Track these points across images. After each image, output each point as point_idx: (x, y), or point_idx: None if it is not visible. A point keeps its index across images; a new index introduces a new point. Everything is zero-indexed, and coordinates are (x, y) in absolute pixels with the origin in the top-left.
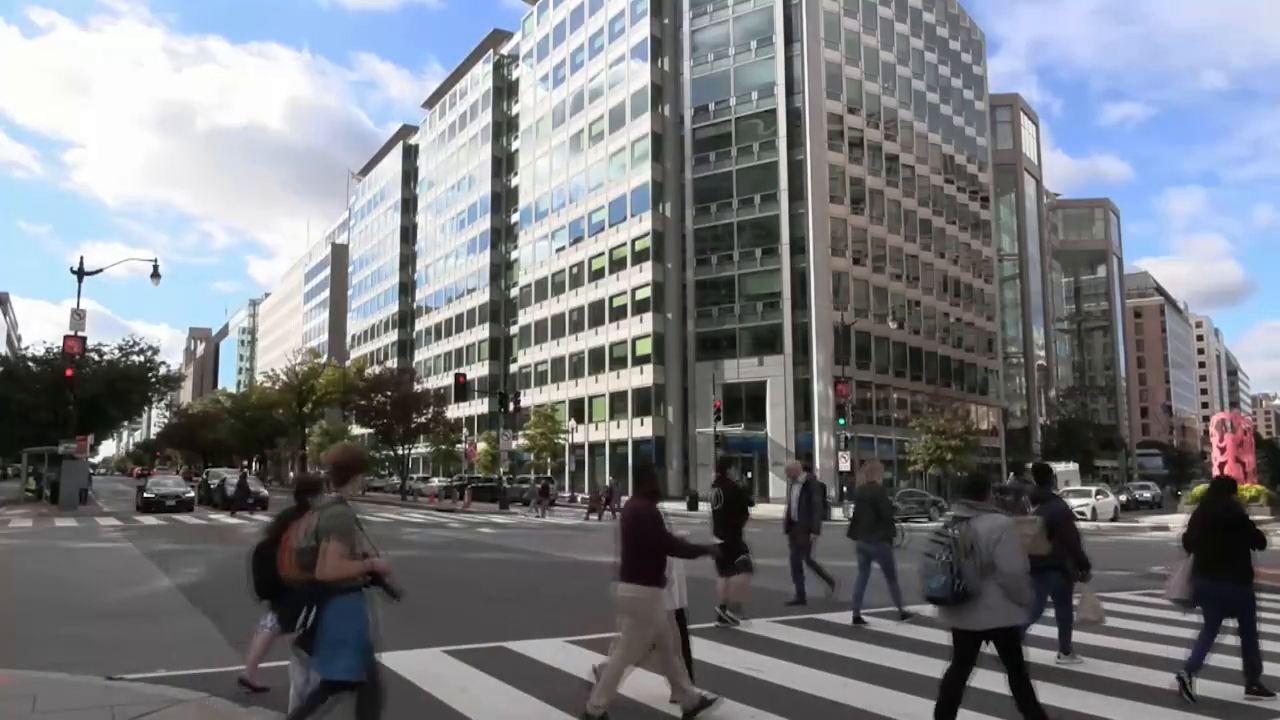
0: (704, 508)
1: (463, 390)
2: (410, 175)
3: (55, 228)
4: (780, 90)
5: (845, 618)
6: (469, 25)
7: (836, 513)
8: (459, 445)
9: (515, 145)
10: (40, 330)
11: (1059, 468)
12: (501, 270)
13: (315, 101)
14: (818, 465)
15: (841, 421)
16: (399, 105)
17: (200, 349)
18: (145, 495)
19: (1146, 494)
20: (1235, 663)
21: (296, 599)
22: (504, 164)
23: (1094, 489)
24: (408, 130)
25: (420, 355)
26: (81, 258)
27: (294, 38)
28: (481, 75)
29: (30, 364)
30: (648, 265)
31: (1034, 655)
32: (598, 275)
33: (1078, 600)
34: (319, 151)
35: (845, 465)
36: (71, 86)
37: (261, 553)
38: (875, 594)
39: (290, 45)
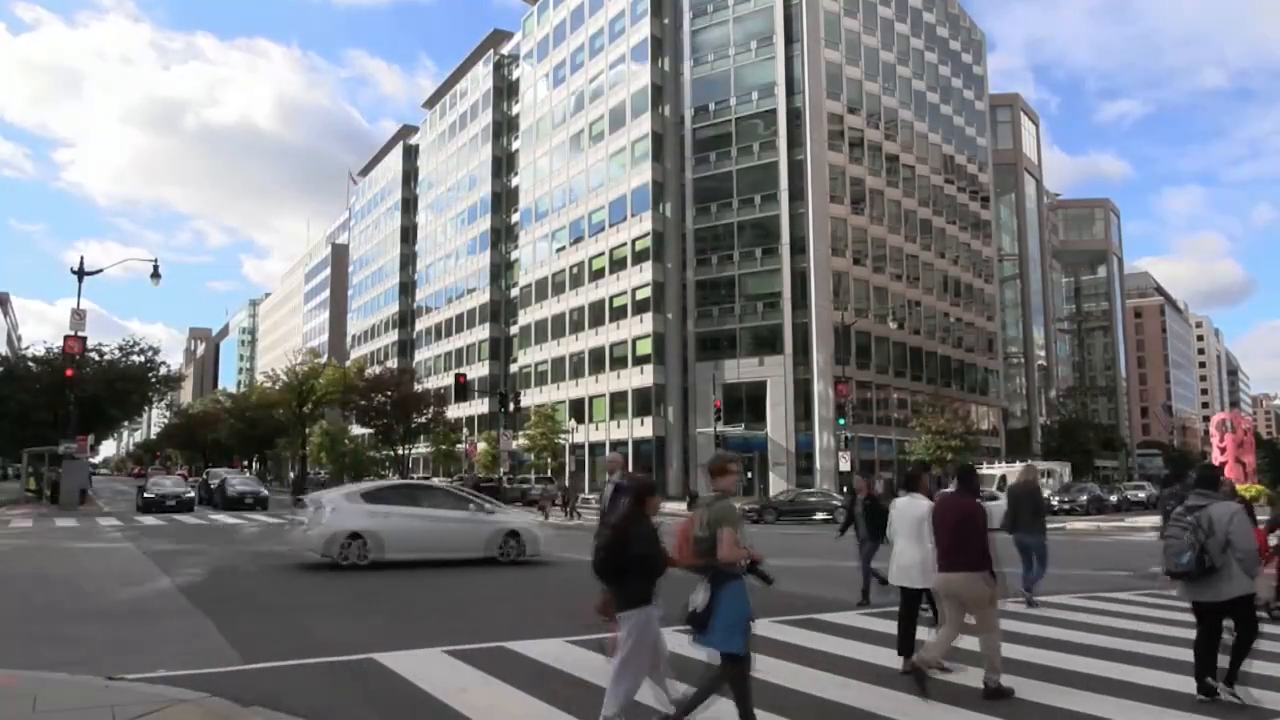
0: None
1: (463, 390)
2: (410, 175)
3: (49, 227)
4: (780, 90)
5: (845, 618)
6: (460, 22)
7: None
8: (459, 445)
9: (515, 145)
10: (35, 329)
11: (1047, 466)
12: (501, 270)
13: (306, 99)
14: (818, 465)
15: (841, 421)
16: (392, 103)
17: (200, 349)
18: (145, 495)
19: (1141, 494)
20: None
21: (633, 583)
22: (504, 164)
23: (994, 487)
24: (408, 130)
25: (420, 355)
26: (81, 258)
27: (283, 34)
28: (482, 75)
29: (30, 364)
30: (648, 265)
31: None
32: (598, 275)
33: None
34: (312, 149)
35: (845, 465)
36: (60, 84)
37: (609, 542)
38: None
39: (280, 41)
